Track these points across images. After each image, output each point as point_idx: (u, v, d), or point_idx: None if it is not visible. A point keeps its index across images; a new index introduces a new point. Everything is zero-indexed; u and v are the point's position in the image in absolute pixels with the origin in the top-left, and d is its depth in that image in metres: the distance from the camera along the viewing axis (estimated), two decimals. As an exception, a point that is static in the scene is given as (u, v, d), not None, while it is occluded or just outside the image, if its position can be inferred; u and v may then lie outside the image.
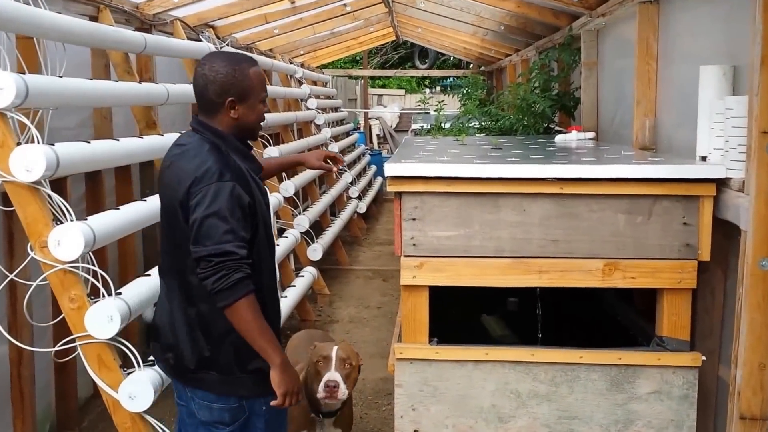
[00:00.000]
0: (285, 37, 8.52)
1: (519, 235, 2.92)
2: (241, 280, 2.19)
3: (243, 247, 2.22)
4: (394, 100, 18.89)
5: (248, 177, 2.36)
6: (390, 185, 2.91)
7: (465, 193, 2.89)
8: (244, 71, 2.37)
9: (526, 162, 3.15)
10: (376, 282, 7.66)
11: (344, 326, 6.15)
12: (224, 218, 2.20)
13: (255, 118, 2.44)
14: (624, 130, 4.75)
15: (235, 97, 2.36)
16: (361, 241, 9.65)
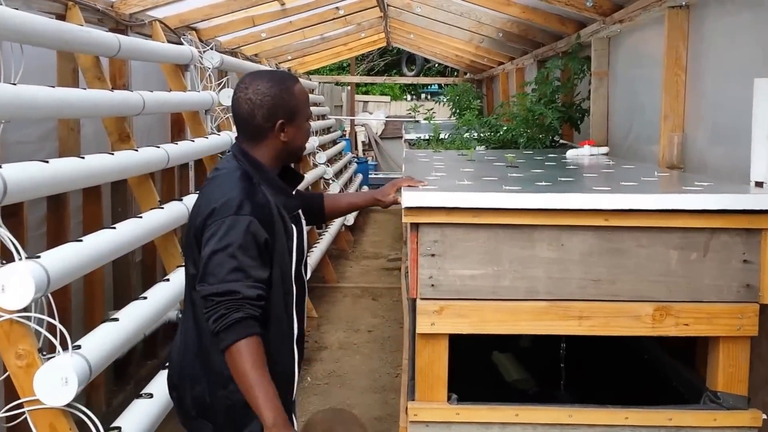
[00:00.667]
0: (272, 42, 8.00)
1: (556, 274, 2.43)
2: (242, 321, 1.96)
3: (254, 287, 2.00)
4: (380, 107, 18.36)
5: (275, 213, 2.12)
6: (406, 216, 2.41)
7: (493, 225, 2.41)
8: (291, 90, 2.17)
9: (561, 188, 2.67)
10: (365, 301, 7.14)
11: (333, 354, 5.62)
12: (233, 255, 1.99)
13: (303, 139, 2.25)
14: (642, 146, 4.30)
15: (284, 118, 2.15)
16: (348, 255, 9.13)
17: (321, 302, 6.96)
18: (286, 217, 2.15)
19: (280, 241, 2.11)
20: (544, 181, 2.76)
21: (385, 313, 6.66)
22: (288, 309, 2.17)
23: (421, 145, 5.81)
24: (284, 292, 2.14)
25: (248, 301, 1.97)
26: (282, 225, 2.12)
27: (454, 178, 2.94)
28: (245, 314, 1.96)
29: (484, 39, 7.98)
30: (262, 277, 2.03)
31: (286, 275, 2.14)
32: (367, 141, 16.72)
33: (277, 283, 2.11)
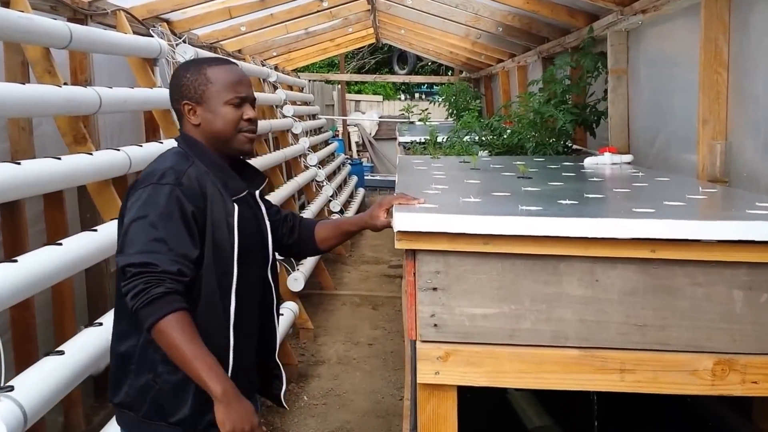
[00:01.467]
0: (254, 37, 7.54)
1: (590, 317, 1.98)
2: (164, 296, 1.82)
3: (175, 261, 1.86)
4: (372, 106, 17.88)
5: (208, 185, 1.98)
6: (400, 241, 1.97)
7: (510, 254, 1.96)
8: (201, 71, 2.06)
9: (591, 208, 2.23)
10: (364, 310, 6.69)
11: (332, 369, 5.19)
12: (153, 224, 1.88)
13: (222, 125, 2.05)
14: (672, 154, 3.87)
15: (190, 100, 2.06)
16: (346, 260, 8.68)
17: (317, 311, 6.52)
18: (226, 194, 2.01)
19: (214, 216, 1.97)
20: (567, 199, 2.31)
21: (386, 324, 6.24)
22: (224, 293, 1.98)
23: (416, 149, 5.36)
24: (219, 272, 1.97)
25: (169, 275, 1.84)
26: (221, 199, 1.99)
27: (457, 193, 2.50)
28: (166, 289, 1.83)
29: (481, 34, 7.53)
30: (186, 251, 1.89)
31: (222, 254, 1.98)
32: (361, 142, 16.27)
33: (210, 261, 1.95)
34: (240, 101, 2.05)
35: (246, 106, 2.07)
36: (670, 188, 2.81)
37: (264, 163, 6.01)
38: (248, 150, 2.11)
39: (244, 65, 6.96)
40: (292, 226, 2.36)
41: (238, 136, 2.06)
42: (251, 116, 2.07)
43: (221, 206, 1.99)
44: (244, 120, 2.06)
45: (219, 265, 1.97)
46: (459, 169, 3.63)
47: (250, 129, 2.08)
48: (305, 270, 5.89)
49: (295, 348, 5.48)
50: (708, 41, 3.08)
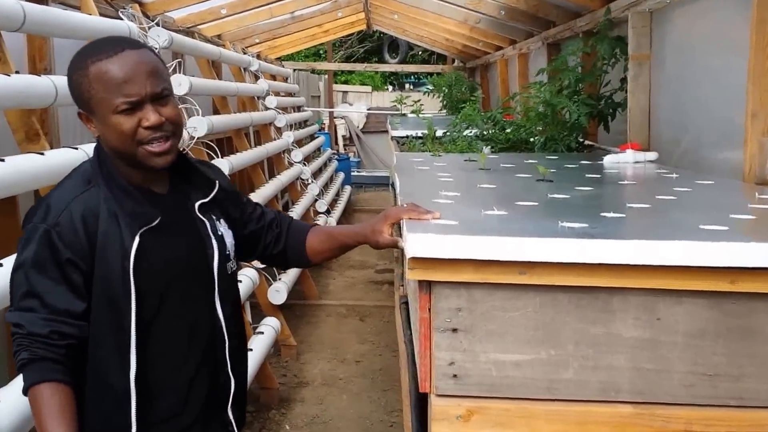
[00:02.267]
0: (236, 21, 7.13)
1: (648, 364, 1.62)
2: (31, 363, 1.59)
3: (48, 321, 1.59)
4: (361, 97, 17.47)
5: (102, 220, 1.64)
6: (413, 271, 1.58)
7: (550, 287, 1.59)
8: (85, 69, 1.65)
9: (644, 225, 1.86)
10: (351, 322, 6.31)
11: (316, 392, 4.80)
12: (26, 275, 1.63)
13: (116, 139, 1.66)
14: (705, 153, 3.50)
15: (82, 109, 1.69)
16: (331, 264, 8.27)
17: (300, 323, 6.13)
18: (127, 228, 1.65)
19: (105, 260, 1.63)
20: (611, 210, 1.93)
21: (374, 337, 5.87)
22: (121, 353, 1.65)
23: (413, 145, 4.98)
24: (114, 329, 1.64)
25: (36, 338, 1.58)
26: (117, 237, 1.64)
27: (474, 202, 2.12)
28: (31, 356, 1.59)
29: (481, 19, 7.15)
30: (67, 307, 1.61)
31: (117, 307, 1.64)
32: (348, 135, 15.86)
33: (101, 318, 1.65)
34: (131, 106, 1.61)
35: (144, 110, 1.62)
36: (721, 195, 2.45)
37: (244, 160, 5.61)
38: (160, 165, 1.67)
39: (223, 52, 6.55)
40: (279, 233, 1.98)
41: (140, 150, 1.64)
42: (153, 122, 1.62)
43: (116, 245, 1.64)
44: (144, 128, 1.63)
45: (113, 320, 1.64)
46: (466, 169, 3.25)
47: (155, 137, 1.64)
48: (288, 280, 5.49)
49: (276, 368, 5.09)
50: (761, 22, 2.71)
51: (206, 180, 1.84)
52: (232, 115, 6.18)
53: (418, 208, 1.81)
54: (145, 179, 1.73)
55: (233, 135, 6.52)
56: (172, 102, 1.69)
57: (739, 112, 3.09)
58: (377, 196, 13.31)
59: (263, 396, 4.54)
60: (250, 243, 1.96)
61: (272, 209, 2.07)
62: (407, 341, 3.27)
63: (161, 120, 1.64)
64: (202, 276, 1.76)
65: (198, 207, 1.78)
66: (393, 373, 5.04)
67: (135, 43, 1.71)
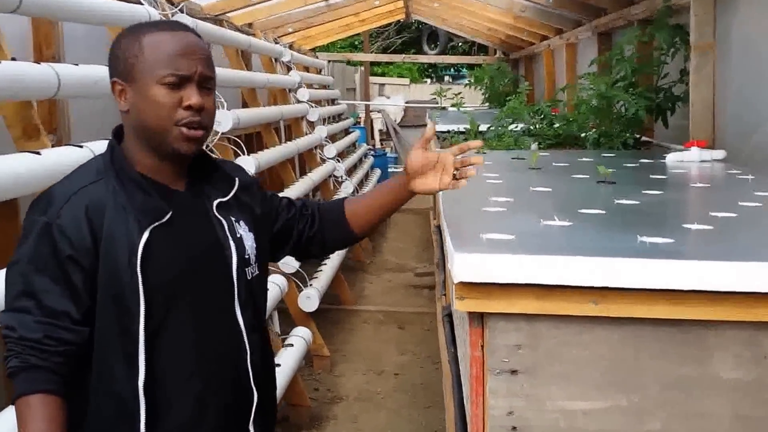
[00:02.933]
0: (267, 9, 6.91)
1: (749, 411, 1.35)
2: (20, 373, 1.45)
3: (43, 326, 1.45)
4: (398, 90, 17.20)
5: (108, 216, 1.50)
6: (461, 301, 1.33)
7: (629, 319, 1.32)
8: (137, 37, 1.54)
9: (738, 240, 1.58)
10: (389, 330, 6.03)
11: (350, 408, 4.53)
12: (22, 273, 1.48)
13: (152, 113, 1.52)
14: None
15: (119, 77, 1.55)
16: (367, 267, 8.01)
17: (334, 330, 5.86)
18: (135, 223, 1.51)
19: (112, 257, 1.49)
20: (694, 222, 1.65)
21: (414, 347, 5.58)
22: (128, 358, 1.50)
23: (455, 140, 4.71)
24: (120, 331, 1.50)
25: (28, 343, 1.45)
26: (124, 233, 1.49)
27: (529, 210, 1.86)
28: (21, 363, 1.45)
29: (527, 7, 6.85)
30: (64, 308, 1.47)
31: (123, 308, 1.49)
32: (384, 129, 15.62)
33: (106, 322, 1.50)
34: (178, 80, 1.51)
35: (188, 88, 1.52)
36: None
37: (272, 157, 5.38)
38: (186, 152, 1.54)
39: (253, 41, 6.34)
40: (311, 215, 1.81)
41: (174, 130, 1.52)
42: (195, 102, 1.50)
43: (124, 241, 1.50)
44: (183, 108, 1.51)
45: (120, 323, 1.50)
46: (514, 168, 2.99)
47: (192, 122, 1.52)
48: (320, 285, 5.24)
49: (309, 381, 4.82)
50: None
51: (227, 178, 1.69)
52: (260, 109, 5.98)
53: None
54: (161, 172, 1.57)
55: (262, 130, 6.32)
56: (213, 96, 1.58)
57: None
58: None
59: (293, 414, 4.29)
60: (283, 236, 1.80)
61: (300, 198, 1.89)
62: (452, 360, 3.03)
63: (203, 103, 1.52)
64: (219, 280, 1.60)
65: (216, 206, 1.63)
66: (435, 387, 4.77)
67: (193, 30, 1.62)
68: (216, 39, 5.31)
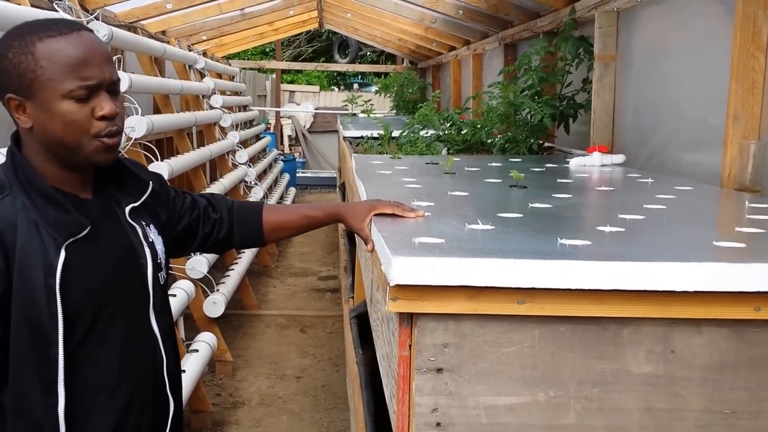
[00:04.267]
0: (182, 17, 6.78)
1: (660, 403, 1.40)
2: None
3: None
4: (308, 97, 17.13)
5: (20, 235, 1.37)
6: (395, 302, 1.33)
7: (551, 317, 1.35)
8: (29, 46, 1.37)
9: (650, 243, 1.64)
10: (292, 333, 5.99)
11: (252, 413, 4.46)
12: None
13: (62, 130, 1.40)
14: (672, 155, 3.35)
15: (16, 92, 1.39)
16: (272, 271, 7.94)
17: (237, 335, 5.78)
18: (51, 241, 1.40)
19: (25, 278, 1.37)
20: (606, 224, 1.71)
21: (316, 350, 5.57)
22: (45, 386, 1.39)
23: (370, 146, 4.72)
24: (37, 358, 1.39)
25: None
26: (39, 251, 1.38)
27: (452, 214, 1.88)
28: None
29: (437, 19, 6.94)
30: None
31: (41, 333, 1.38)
32: (294, 135, 15.52)
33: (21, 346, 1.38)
34: (88, 91, 1.40)
35: (99, 97, 1.41)
36: (710, 203, 2.26)
37: (185, 163, 5.27)
38: (106, 162, 1.46)
39: (167, 48, 6.19)
40: (218, 218, 1.79)
41: (91, 143, 1.42)
42: (108, 111, 1.41)
43: (39, 261, 1.38)
44: (98, 119, 1.41)
45: (36, 348, 1.39)
46: (430, 173, 3.02)
47: (110, 131, 1.43)
48: (227, 290, 5.16)
49: (210, 387, 4.73)
50: (746, 19, 2.54)
51: (138, 182, 1.62)
52: (174, 115, 5.84)
53: (402, 205, 1.74)
54: (70, 182, 1.48)
55: (175, 135, 6.19)
56: (121, 98, 1.48)
57: (710, 114, 2.94)
58: (322, 197, 13.00)
59: (195, 420, 4.19)
60: (187, 236, 1.77)
61: (205, 193, 1.86)
62: (359, 362, 3.03)
63: (116, 110, 1.42)
64: (136, 289, 1.55)
65: (129, 212, 1.55)
66: (336, 389, 4.78)
67: (87, 27, 1.48)
68: (130, 46, 5.17)
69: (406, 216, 1.72)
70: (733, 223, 1.78)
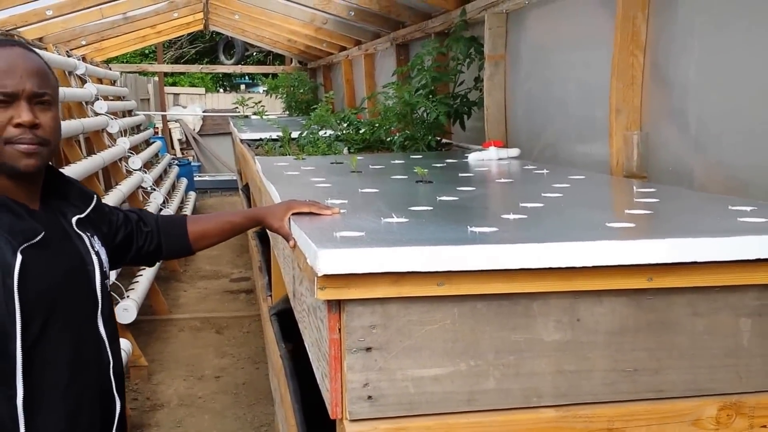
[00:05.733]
0: (62, 23, 6.65)
1: (569, 366, 1.58)
2: None
3: None
4: (194, 99, 16.89)
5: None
6: (323, 290, 1.45)
7: (468, 296, 1.51)
8: None
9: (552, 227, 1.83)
10: (207, 335, 6.00)
11: (172, 414, 4.48)
12: None
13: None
14: (565, 146, 3.62)
15: None
16: (181, 276, 7.87)
17: (150, 341, 5.74)
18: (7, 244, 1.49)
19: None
20: (510, 212, 1.89)
21: (233, 350, 5.61)
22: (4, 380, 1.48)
23: (271, 147, 4.79)
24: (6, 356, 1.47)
25: None
26: None
27: (366, 210, 2.02)
28: None
29: (328, 19, 7.07)
30: None
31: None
32: (184, 139, 15.29)
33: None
34: (4, 98, 1.51)
35: (17, 106, 1.53)
36: (601, 190, 2.50)
37: (79, 171, 5.20)
38: (26, 169, 1.55)
39: (46, 56, 6.05)
40: (149, 232, 1.93)
41: (6, 149, 1.53)
42: (25, 120, 1.52)
43: None
44: (13, 126, 1.52)
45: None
46: (337, 172, 3.15)
47: (25, 138, 1.53)
48: (137, 296, 5.13)
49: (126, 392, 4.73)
50: (625, 21, 2.80)
51: (82, 194, 1.75)
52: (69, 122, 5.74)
53: (318, 204, 1.89)
54: (18, 194, 1.58)
55: (63, 144, 6.06)
56: (53, 112, 1.59)
57: (595, 108, 3.21)
58: (224, 201, 12.88)
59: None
60: (122, 250, 1.89)
61: (131, 207, 1.99)
62: (284, 356, 3.13)
63: (35, 121, 1.53)
64: (85, 294, 1.66)
65: (75, 222, 1.67)
66: (258, 386, 4.85)
67: (29, 47, 1.60)
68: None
69: (323, 213, 1.86)
70: (624, 206, 2.00)
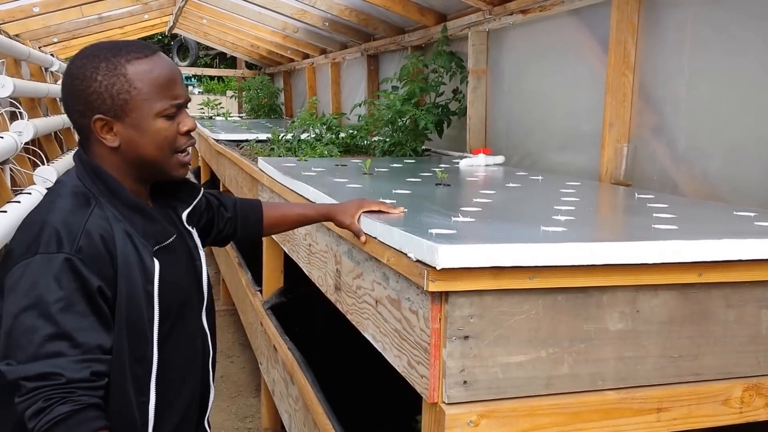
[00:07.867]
0: (43, 20, 6.47)
1: (628, 353, 1.72)
2: (74, 415, 1.28)
3: (88, 363, 1.31)
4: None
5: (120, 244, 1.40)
6: (435, 282, 1.54)
7: (552, 289, 1.63)
8: (118, 68, 1.42)
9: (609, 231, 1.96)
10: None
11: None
12: (48, 315, 1.30)
13: (154, 147, 1.46)
14: (547, 155, 3.78)
15: (104, 113, 1.42)
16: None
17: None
18: (144, 249, 1.45)
19: (128, 284, 1.40)
20: (558, 215, 2.01)
21: (216, 341, 5.57)
22: (138, 384, 1.43)
23: (261, 149, 4.80)
24: (134, 360, 1.41)
25: (77, 385, 1.30)
26: (136, 258, 1.42)
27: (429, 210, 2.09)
28: (75, 406, 1.29)
29: (299, 29, 7.08)
30: (100, 342, 1.34)
31: (139, 335, 1.42)
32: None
33: (121, 347, 1.39)
34: (177, 109, 1.48)
35: (182, 114, 1.50)
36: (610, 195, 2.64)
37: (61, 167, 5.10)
38: (182, 176, 1.56)
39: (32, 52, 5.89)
40: (230, 218, 1.90)
41: (173, 159, 1.50)
42: (190, 126, 1.51)
43: (138, 268, 1.43)
44: (182, 134, 1.50)
45: (133, 351, 1.43)
46: (353, 174, 3.21)
47: (188, 146, 1.53)
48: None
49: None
50: (618, 44, 2.97)
51: (189, 187, 1.68)
52: (52, 118, 5.62)
53: (384, 203, 1.93)
54: (140, 196, 1.54)
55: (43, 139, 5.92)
56: None
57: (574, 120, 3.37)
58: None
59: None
60: (203, 235, 1.83)
61: (210, 190, 1.95)
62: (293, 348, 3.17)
63: (195, 125, 1.51)
64: (195, 291, 1.64)
65: (185, 217, 1.64)
66: (236, 379, 4.84)
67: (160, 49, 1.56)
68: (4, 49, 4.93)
69: (391, 212, 1.91)
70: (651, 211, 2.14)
